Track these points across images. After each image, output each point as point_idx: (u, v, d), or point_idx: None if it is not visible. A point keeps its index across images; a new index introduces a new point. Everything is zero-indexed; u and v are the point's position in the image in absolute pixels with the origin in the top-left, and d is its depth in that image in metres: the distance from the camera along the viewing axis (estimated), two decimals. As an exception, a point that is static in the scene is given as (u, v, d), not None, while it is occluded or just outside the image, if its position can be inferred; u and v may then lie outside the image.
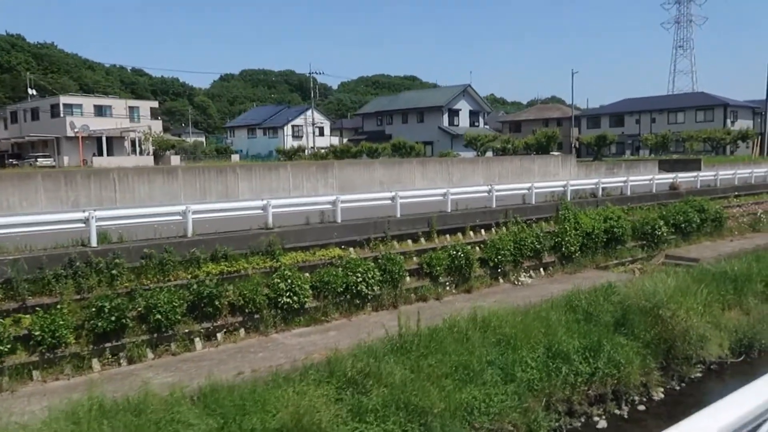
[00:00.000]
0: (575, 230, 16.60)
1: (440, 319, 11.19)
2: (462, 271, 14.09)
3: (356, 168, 19.93)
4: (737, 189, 24.71)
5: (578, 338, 9.95)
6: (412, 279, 13.66)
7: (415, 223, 14.29)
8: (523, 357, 9.30)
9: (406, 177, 20.69)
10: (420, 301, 13.39)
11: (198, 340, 10.57)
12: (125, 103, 50.34)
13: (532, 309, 12.19)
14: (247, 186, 17.33)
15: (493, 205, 15.95)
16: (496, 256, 14.76)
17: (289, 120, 61.26)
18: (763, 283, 14.92)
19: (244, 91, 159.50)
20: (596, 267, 17.05)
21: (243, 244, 11.69)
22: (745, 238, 21.94)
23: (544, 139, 35.46)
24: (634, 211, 19.59)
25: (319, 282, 12.02)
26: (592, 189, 18.95)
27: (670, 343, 10.67)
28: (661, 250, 19.25)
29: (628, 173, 28.20)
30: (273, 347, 10.71)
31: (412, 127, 49.44)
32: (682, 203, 20.81)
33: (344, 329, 11.64)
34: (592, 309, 11.06)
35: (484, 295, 14.12)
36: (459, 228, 15.10)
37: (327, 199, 13.00)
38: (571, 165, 26.58)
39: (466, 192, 15.78)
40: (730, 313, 13.78)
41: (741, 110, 51.94)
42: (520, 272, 15.32)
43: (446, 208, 15.04)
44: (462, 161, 24.12)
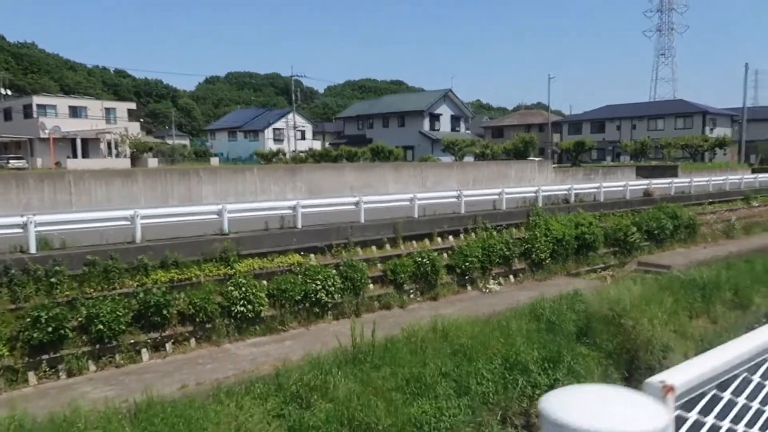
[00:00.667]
0: (546, 237, 16.38)
1: (402, 327, 10.87)
2: (428, 279, 13.76)
3: (326, 172, 19.53)
4: (711, 196, 24.76)
5: (538, 349, 9.66)
6: (375, 286, 13.30)
7: (380, 228, 13.95)
8: (479, 369, 8.98)
9: (378, 181, 20.35)
10: (383, 309, 13.04)
11: (145, 351, 10.10)
12: (101, 105, 49.42)
13: (496, 318, 11.92)
14: (212, 190, 16.86)
15: (462, 211, 15.67)
16: (464, 262, 14.47)
17: (270, 123, 60.66)
18: (731, 291, 14.81)
19: (230, 94, 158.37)
20: (567, 274, 16.84)
21: (196, 250, 11.25)
22: (718, 245, 21.93)
23: (521, 145, 35.33)
24: (607, 218, 19.44)
25: (276, 290, 11.62)
26: (564, 195, 18.77)
27: (632, 353, 10.43)
28: (634, 257, 19.12)
29: (605, 179, 28.15)
30: (224, 358, 10.27)
31: (393, 131, 49.15)
32: (656, 210, 20.74)
33: (301, 339, 11.25)
34: (555, 318, 10.78)
35: (451, 302, 13.81)
36: (426, 234, 14.79)
37: (287, 204, 12.60)
38: (548, 170, 26.45)
39: (434, 197, 15.47)
40: (697, 321, 13.62)
41: (719, 118, 52.50)
42: (488, 279, 15.04)
43: (413, 214, 14.72)
44: (436, 166, 23.87)
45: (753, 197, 26.81)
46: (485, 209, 16.69)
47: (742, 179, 27.64)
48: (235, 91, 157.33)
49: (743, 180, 27.62)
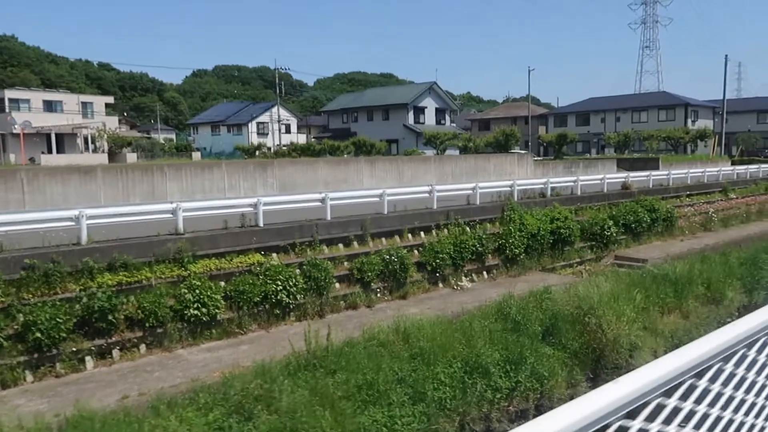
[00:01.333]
0: (520, 232, 16.04)
1: (363, 329, 10.49)
2: (396, 277, 13.37)
3: (298, 167, 19.01)
4: (690, 188, 24.60)
5: (500, 350, 9.30)
6: (342, 285, 12.89)
7: (347, 226, 13.51)
8: (437, 373, 8.61)
9: (353, 176, 19.89)
10: (350, 309, 12.63)
11: (89, 359, 9.60)
12: (78, 99, 48.30)
13: (464, 317, 11.56)
14: (177, 186, 16.30)
15: (434, 206, 15.28)
16: (434, 259, 14.09)
17: (254, 117, 59.79)
18: (704, 286, 14.59)
19: (217, 88, 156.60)
20: (542, 269, 16.53)
21: (147, 251, 10.75)
22: (695, 238, 21.77)
23: (502, 138, 34.96)
24: (584, 211, 19.17)
25: (234, 291, 11.16)
26: (541, 189, 18.44)
27: (599, 353, 10.12)
28: (611, 251, 18.88)
29: (586, 172, 27.93)
30: (174, 365, 9.81)
31: (378, 124, 48.59)
32: (633, 203, 20.50)
33: (259, 342, 10.81)
34: (521, 317, 10.44)
35: (420, 301, 13.44)
36: (396, 231, 14.38)
37: (247, 202, 12.12)
38: (528, 164, 26.12)
39: (404, 193, 15.06)
40: (669, 317, 13.38)
41: (702, 110, 52.58)
42: (460, 276, 14.68)
43: (382, 210, 14.29)
44: (413, 160, 23.41)
45: (731, 189, 26.73)
46: (459, 204, 16.31)
47: (720, 171, 27.54)
48: (223, 84, 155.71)
49: (721, 172, 27.53)
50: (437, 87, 50.62)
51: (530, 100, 73.61)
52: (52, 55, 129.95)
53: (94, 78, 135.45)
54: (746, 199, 27.54)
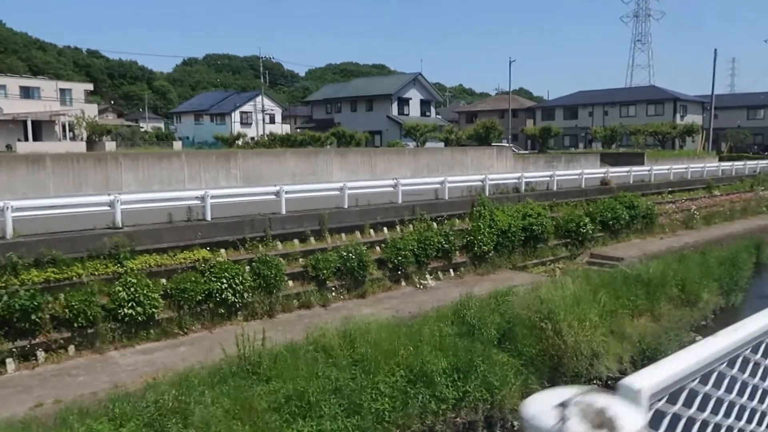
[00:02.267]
0: (490, 228, 15.44)
1: (307, 332, 9.88)
2: (354, 274, 12.74)
3: (264, 158, 18.28)
4: (672, 185, 24.09)
5: (449, 357, 8.71)
6: (295, 283, 12.25)
7: (303, 220, 12.85)
8: (377, 382, 8.00)
9: (323, 169, 19.17)
10: (303, 309, 12.01)
11: (11, 361, 8.93)
12: (56, 85, 47.09)
13: (418, 320, 10.97)
14: (133, 177, 15.56)
15: (398, 201, 14.63)
16: (396, 256, 13.46)
17: (237, 106, 58.74)
18: (678, 287, 14.07)
19: (207, 76, 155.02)
20: (513, 267, 15.96)
21: (81, 246, 10.05)
22: (676, 236, 21.29)
23: (483, 131, 34.28)
24: (559, 207, 18.58)
25: (175, 289, 10.49)
26: (514, 183, 17.83)
27: (557, 360, 9.55)
28: (587, 249, 18.34)
29: (568, 167, 27.36)
30: (102, 368, 9.16)
31: (361, 115, 47.74)
32: (612, 199, 19.94)
33: (199, 344, 10.17)
34: (476, 321, 9.85)
35: (379, 300, 12.84)
36: (357, 226, 13.74)
37: (194, 194, 11.42)
38: (507, 157, 25.48)
39: (367, 186, 14.40)
40: (639, 321, 12.84)
41: (690, 105, 52.13)
42: (424, 274, 14.07)
43: (343, 204, 13.64)
44: (387, 152, 22.72)
45: (715, 186, 26.26)
46: (426, 199, 15.68)
47: (704, 168, 27.05)
48: (214, 73, 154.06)
49: (706, 168, 27.04)
50: (422, 78, 49.77)
51: (521, 93, 72.97)
52: (40, 42, 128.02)
53: (83, 65, 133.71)
54: (731, 196, 27.10)
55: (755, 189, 28.91)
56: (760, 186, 29.50)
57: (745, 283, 17.45)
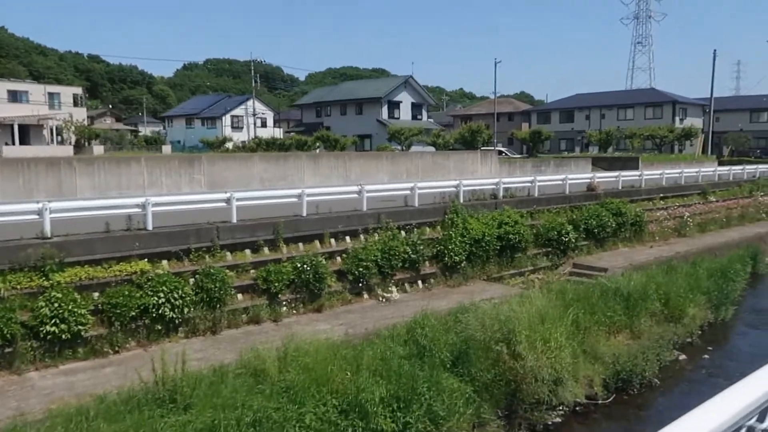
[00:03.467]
0: (462, 237, 14.59)
1: (246, 350, 9.07)
2: (310, 287, 11.91)
3: (230, 163, 17.49)
4: (664, 190, 23.16)
5: (390, 383, 7.85)
6: (245, 297, 11.44)
7: (256, 229, 12.04)
8: (304, 414, 7.16)
9: (293, 173, 18.38)
10: (252, 324, 11.19)
11: None
12: (44, 89, 46.59)
13: (370, 338, 10.14)
14: (89, 182, 14.81)
15: (363, 208, 13.81)
16: (357, 267, 12.63)
17: (228, 110, 58.07)
18: (661, 302, 13.16)
19: (208, 81, 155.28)
20: (487, 278, 15.10)
21: (2, 258, 9.28)
22: (667, 244, 20.37)
23: (468, 134, 33.39)
24: (540, 215, 17.71)
25: (107, 304, 9.69)
26: (492, 189, 16.98)
27: (514, 385, 8.69)
28: (570, 258, 17.45)
29: (557, 171, 26.48)
30: (15, 392, 8.35)
31: (351, 119, 46.96)
32: (598, 206, 19.05)
33: (129, 364, 9.34)
34: (428, 341, 9.00)
35: (336, 315, 12.00)
36: (317, 235, 12.92)
37: (134, 201, 10.65)
38: (492, 162, 24.58)
39: (329, 193, 13.59)
40: (617, 338, 11.95)
41: (690, 107, 51.13)
42: (389, 286, 13.23)
43: (301, 212, 12.83)
44: (363, 156, 21.87)
45: (711, 192, 25.31)
46: (396, 206, 14.86)
47: (699, 172, 26.10)
48: (214, 78, 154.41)
49: (701, 173, 26.08)
50: (413, 81, 48.93)
51: (522, 97, 71.98)
52: (42, 47, 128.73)
53: (83, 70, 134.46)
54: (727, 202, 26.13)
55: (754, 194, 27.92)
56: (760, 191, 28.51)
57: (737, 295, 16.51)
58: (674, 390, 11.07)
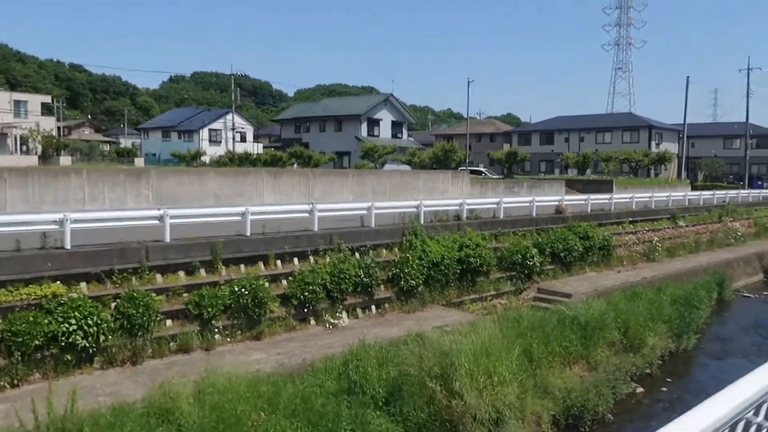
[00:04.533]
0: (420, 260, 13.91)
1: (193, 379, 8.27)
2: (248, 312, 11.09)
3: (182, 177, 16.69)
4: (634, 214, 22.82)
5: (308, 425, 7.06)
6: (175, 323, 10.58)
7: (191, 249, 11.23)
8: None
9: (252, 190, 17.63)
10: (181, 353, 10.32)
11: None
12: (10, 96, 45.34)
13: (306, 370, 9.36)
14: (21, 195, 13.90)
15: (314, 228, 13.09)
16: (303, 292, 11.85)
17: (206, 123, 57.22)
18: (621, 331, 12.57)
19: (194, 94, 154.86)
20: (447, 304, 14.41)
21: None
22: (635, 269, 19.92)
23: (441, 153, 33.01)
24: (505, 237, 17.14)
25: (7, 332, 8.78)
26: (456, 210, 16.38)
27: (450, 426, 7.94)
28: (534, 283, 16.86)
29: (530, 193, 26.07)
30: None
31: (330, 135, 46.43)
32: (565, 229, 18.56)
33: (27, 400, 8.41)
34: (360, 376, 8.24)
35: (277, 343, 11.18)
36: (261, 256, 12.13)
37: (50, 218, 9.80)
38: (463, 182, 24.08)
39: (277, 211, 12.87)
40: (572, 370, 11.29)
41: (666, 132, 51.59)
42: (338, 312, 12.46)
43: (245, 231, 12.06)
44: (328, 173, 21.20)
45: (680, 216, 25.06)
46: (351, 226, 14.16)
47: (669, 197, 25.87)
48: (200, 91, 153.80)
49: (671, 198, 25.85)
50: (394, 99, 48.65)
51: (508, 118, 72.06)
52: (20, 54, 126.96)
53: (64, 79, 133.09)
54: (697, 227, 25.90)
55: (723, 220, 27.78)
56: (729, 216, 28.39)
57: (701, 323, 16.02)
58: (627, 426, 10.41)
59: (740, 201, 32.52)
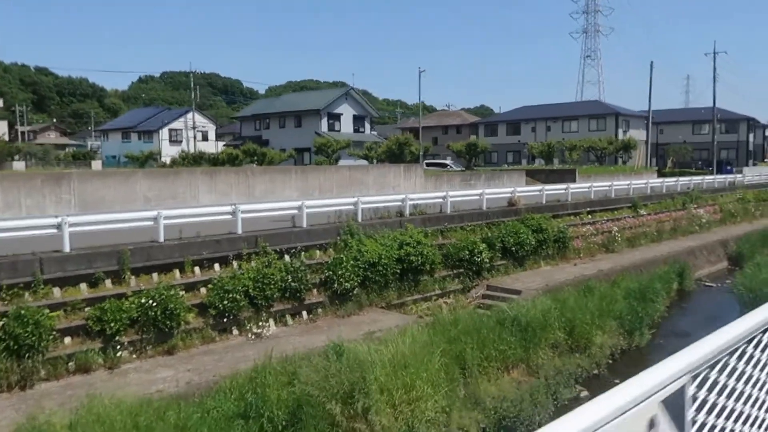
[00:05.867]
0: (355, 260, 13.14)
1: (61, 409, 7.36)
2: (159, 325, 10.21)
3: (108, 180, 15.65)
4: (592, 204, 22.35)
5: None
6: (74, 341, 9.67)
7: (95, 259, 10.30)
8: None
9: (185, 192, 16.68)
10: (80, 373, 9.41)
11: None
12: (-44, 101, 43.29)
13: (210, 390, 8.55)
14: None
15: (238, 231, 12.22)
16: (222, 300, 11.01)
17: (166, 123, 55.56)
18: (566, 330, 11.98)
19: (164, 94, 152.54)
20: (386, 306, 13.68)
21: None
22: (592, 261, 19.43)
23: (395, 146, 32.31)
24: (453, 233, 16.46)
25: None
26: (398, 207, 15.64)
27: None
28: (484, 280, 16.22)
29: (488, 185, 25.47)
30: None
31: (289, 132, 45.32)
32: (517, 222, 17.96)
33: None
34: (257, 398, 7.45)
35: (191, 357, 10.33)
36: (176, 263, 11.25)
37: None
38: (416, 176, 23.39)
39: (195, 214, 11.97)
40: (511, 375, 10.66)
41: (633, 120, 51.62)
42: (263, 320, 11.63)
43: (158, 237, 11.15)
44: (268, 171, 20.27)
45: (642, 205, 24.70)
46: (282, 227, 13.33)
47: (630, 185, 25.50)
48: (170, 91, 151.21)
49: (632, 186, 25.48)
50: (355, 92, 47.68)
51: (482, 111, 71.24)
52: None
53: (29, 83, 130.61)
54: (660, 215, 25.58)
55: (687, 207, 27.54)
56: (693, 203, 28.18)
57: (657, 317, 15.57)
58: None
59: (705, 187, 32.39)
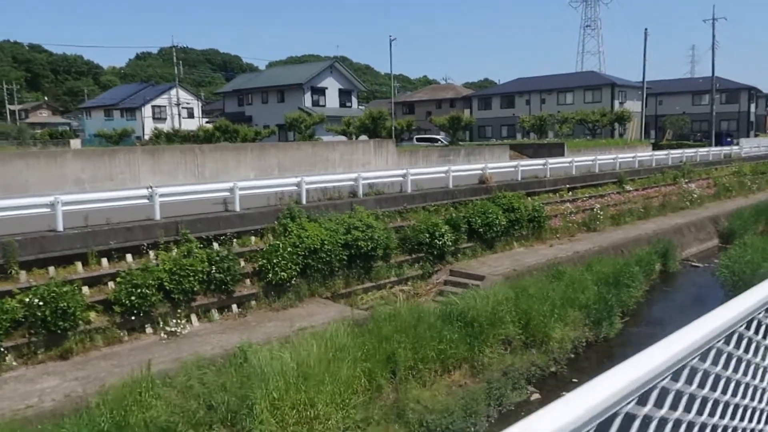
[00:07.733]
0: (294, 247, 11.85)
1: None
2: (49, 327, 9.00)
3: (31, 161, 14.31)
4: (573, 180, 20.88)
5: None
6: (-54, 347, 8.47)
7: (-26, 252, 9.04)
8: None
9: (124, 171, 15.34)
10: (-49, 384, 8.23)
11: None
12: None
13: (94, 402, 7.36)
14: None
15: (156, 217, 10.92)
16: (130, 296, 9.76)
17: (148, 100, 53.88)
18: (520, 324, 10.71)
19: (161, 71, 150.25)
20: (332, 296, 12.44)
21: None
22: (570, 242, 18.09)
23: (369, 121, 30.75)
24: (414, 214, 15.11)
25: None
26: (350, 187, 14.27)
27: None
28: (447, 264, 14.94)
29: (468, 161, 24.00)
30: None
31: (272, 107, 43.61)
32: (487, 201, 16.57)
33: None
34: (111, 423, 6.23)
35: (88, 361, 9.14)
36: (78, 255, 9.99)
37: None
38: (388, 152, 21.89)
39: (102, 199, 10.64)
40: (451, 378, 9.44)
41: (630, 90, 49.52)
42: (182, 316, 10.41)
43: (56, 226, 9.87)
44: (219, 149, 18.84)
45: (629, 180, 23.21)
46: (211, 212, 12.02)
47: (616, 159, 23.96)
48: (168, 67, 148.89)
49: (618, 160, 23.94)
50: (340, 65, 45.77)
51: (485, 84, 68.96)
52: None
53: (23, 60, 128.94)
54: (647, 190, 24.12)
55: (678, 181, 26.02)
56: (685, 178, 26.65)
57: (632, 303, 14.29)
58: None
59: (699, 160, 30.80)
